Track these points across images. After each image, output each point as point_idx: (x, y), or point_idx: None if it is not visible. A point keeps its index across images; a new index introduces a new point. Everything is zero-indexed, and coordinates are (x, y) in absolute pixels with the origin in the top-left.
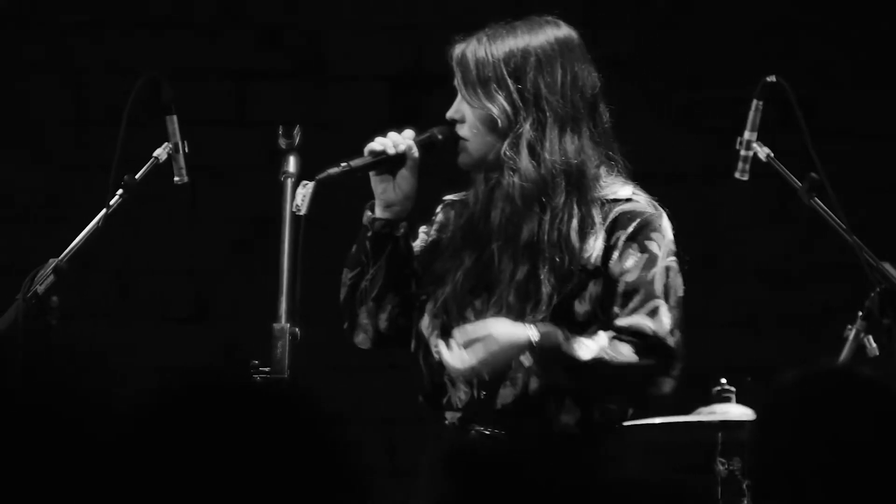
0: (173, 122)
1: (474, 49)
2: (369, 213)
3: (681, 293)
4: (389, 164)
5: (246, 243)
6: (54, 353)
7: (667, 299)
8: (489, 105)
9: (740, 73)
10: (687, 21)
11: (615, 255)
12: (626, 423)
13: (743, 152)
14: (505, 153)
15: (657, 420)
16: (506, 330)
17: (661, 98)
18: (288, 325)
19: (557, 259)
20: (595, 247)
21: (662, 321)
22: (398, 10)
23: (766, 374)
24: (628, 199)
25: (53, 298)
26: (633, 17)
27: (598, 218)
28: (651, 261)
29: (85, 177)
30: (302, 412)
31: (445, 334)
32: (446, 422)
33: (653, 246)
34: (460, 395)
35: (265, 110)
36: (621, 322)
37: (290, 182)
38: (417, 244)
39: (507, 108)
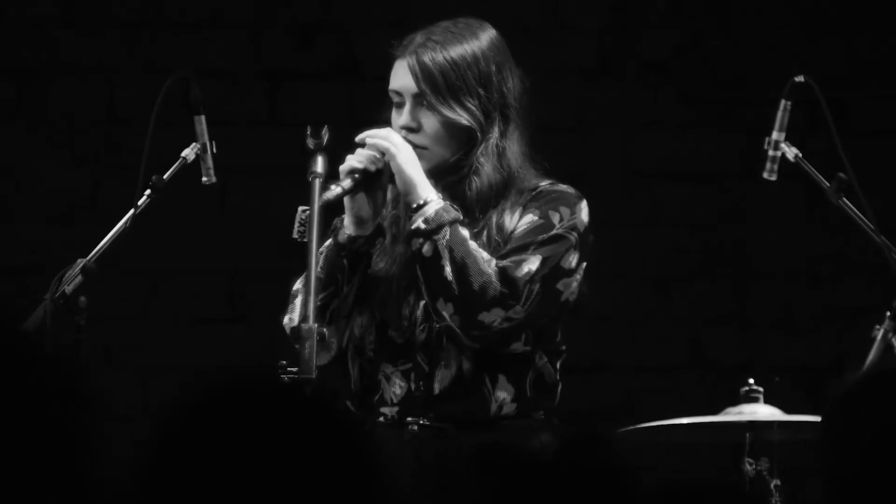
0: (201, 123)
1: (432, 56)
2: (345, 231)
3: (570, 266)
4: (370, 181)
5: (277, 243)
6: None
7: (540, 260)
8: (461, 113)
9: (773, 72)
10: (721, 22)
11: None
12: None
13: (771, 152)
14: (478, 159)
15: (685, 420)
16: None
17: (693, 98)
18: (315, 325)
19: (500, 248)
20: (514, 220)
21: (522, 267)
22: (430, 11)
23: (793, 374)
24: (550, 184)
25: (81, 298)
26: (669, 18)
27: (521, 202)
28: (545, 227)
29: (119, 177)
30: (329, 414)
31: (381, 331)
32: (381, 419)
33: (554, 216)
34: (395, 389)
35: (298, 110)
36: None
37: (318, 182)
38: None
39: (479, 115)
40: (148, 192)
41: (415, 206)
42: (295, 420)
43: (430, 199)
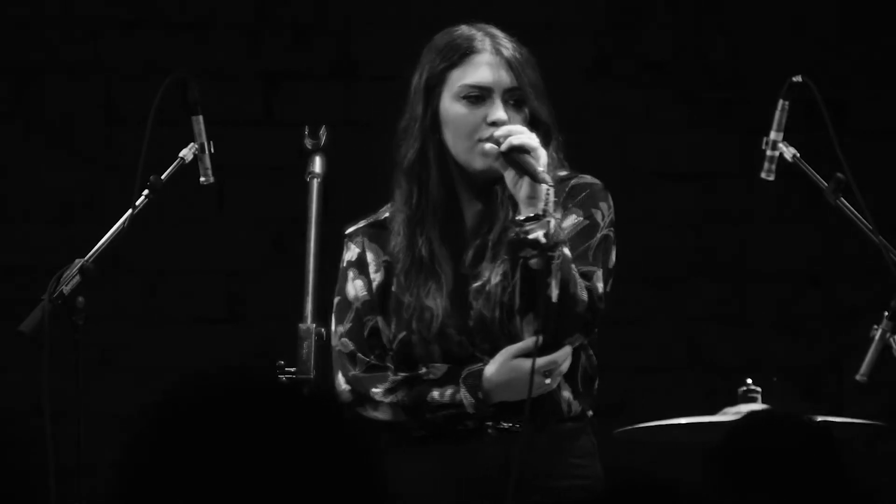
0: (199, 123)
1: (520, 53)
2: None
3: (612, 266)
4: None
5: (276, 243)
6: None
7: (602, 267)
8: (543, 109)
9: (771, 72)
10: (719, 22)
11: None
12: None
13: (769, 152)
14: (556, 157)
15: (682, 420)
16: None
17: (691, 98)
18: (313, 325)
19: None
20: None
21: (597, 285)
22: (428, 11)
23: (792, 374)
24: (576, 176)
25: (79, 299)
26: (668, 18)
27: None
28: (592, 227)
29: (117, 177)
30: (327, 412)
31: (447, 357)
32: (458, 427)
33: (597, 214)
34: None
35: (295, 111)
36: None
37: (315, 182)
38: (362, 288)
39: (550, 111)
40: (146, 192)
41: (532, 214)
42: (291, 419)
43: (549, 210)
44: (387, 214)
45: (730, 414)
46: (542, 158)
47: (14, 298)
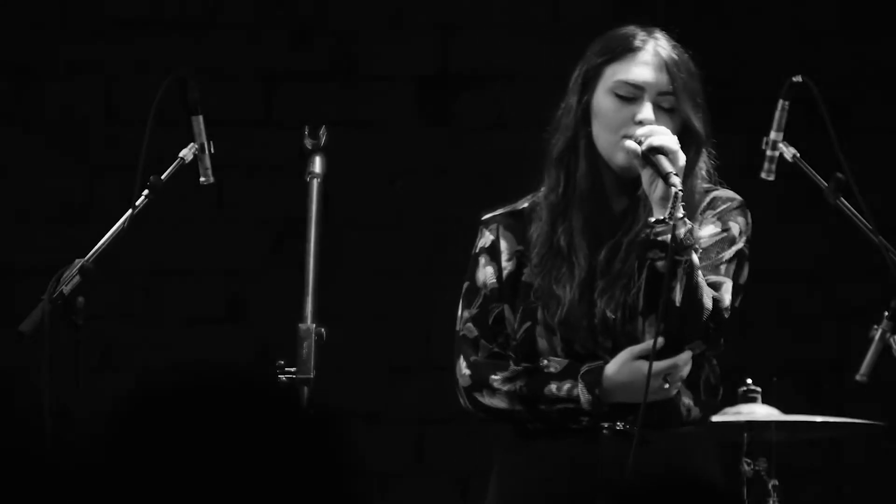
0: (199, 123)
1: (680, 56)
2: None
3: (743, 281)
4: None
5: (276, 243)
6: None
7: (733, 280)
8: (697, 118)
9: (771, 72)
10: (719, 22)
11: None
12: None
13: (769, 152)
14: (702, 168)
15: None
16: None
17: None
18: (313, 325)
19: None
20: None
21: (724, 296)
22: (427, 11)
23: (792, 375)
24: (718, 188)
25: (80, 299)
26: (668, 18)
27: (695, 208)
28: (729, 240)
29: (117, 177)
30: (297, 412)
31: (568, 349)
32: (572, 424)
33: (734, 228)
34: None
35: (295, 111)
36: None
37: (315, 182)
38: (491, 275)
39: (706, 121)
40: (146, 192)
41: (665, 217)
42: (259, 416)
43: (676, 215)
44: (525, 205)
45: (730, 414)
46: (679, 162)
47: (14, 298)
